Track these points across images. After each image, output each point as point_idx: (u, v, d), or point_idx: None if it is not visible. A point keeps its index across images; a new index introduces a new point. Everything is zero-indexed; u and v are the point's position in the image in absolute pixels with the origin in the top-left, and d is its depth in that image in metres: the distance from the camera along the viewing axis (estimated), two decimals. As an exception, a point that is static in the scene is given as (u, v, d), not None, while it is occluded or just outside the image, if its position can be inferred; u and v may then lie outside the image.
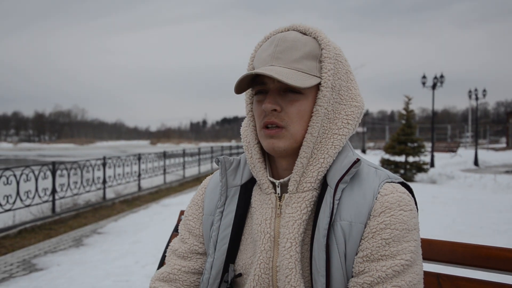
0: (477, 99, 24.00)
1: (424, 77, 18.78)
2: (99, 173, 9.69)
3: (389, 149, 13.94)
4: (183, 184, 14.27)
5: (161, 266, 1.50)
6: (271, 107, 0.98)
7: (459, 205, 8.15)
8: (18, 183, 6.75)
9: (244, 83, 1.01)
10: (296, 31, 1.05)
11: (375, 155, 23.43)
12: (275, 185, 1.07)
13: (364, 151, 29.97)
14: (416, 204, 1.01)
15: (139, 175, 11.75)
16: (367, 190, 0.97)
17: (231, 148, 26.81)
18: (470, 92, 24.28)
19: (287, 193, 1.04)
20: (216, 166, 1.17)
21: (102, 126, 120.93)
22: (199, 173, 17.40)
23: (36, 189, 7.22)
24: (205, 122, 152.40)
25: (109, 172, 10.16)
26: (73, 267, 4.85)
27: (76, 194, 8.74)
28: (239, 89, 1.02)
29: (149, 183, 12.70)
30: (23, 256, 5.41)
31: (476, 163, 19.80)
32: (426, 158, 15.42)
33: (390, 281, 0.91)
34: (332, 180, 0.99)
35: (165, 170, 13.76)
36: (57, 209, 8.06)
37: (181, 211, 1.67)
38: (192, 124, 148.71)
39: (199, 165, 17.85)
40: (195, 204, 1.20)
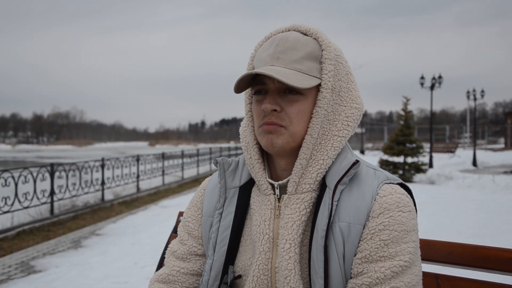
0: (475, 99, 24.02)
1: (422, 77, 18.79)
2: (97, 175, 9.68)
3: (387, 150, 13.94)
4: (182, 185, 14.26)
5: (159, 267, 1.50)
6: (271, 107, 0.98)
7: (458, 205, 8.16)
8: (16, 184, 6.74)
9: (243, 83, 1.01)
10: (297, 31, 1.05)
11: (374, 156, 23.42)
12: (274, 186, 1.06)
13: (362, 152, 29.98)
14: (415, 205, 1.01)
15: (138, 177, 11.74)
16: (366, 191, 0.97)
17: (230, 149, 26.81)
18: (468, 92, 24.29)
19: (286, 194, 1.04)
20: (214, 167, 1.17)
21: (100, 127, 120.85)
22: (198, 174, 17.39)
23: (34, 191, 7.20)
24: (203, 123, 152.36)
25: (108, 173, 10.15)
26: (71, 269, 4.84)
27: (74, 195, 8.72)
28: (239, 88, 1.01)
29: (147, 184, 12.69)
30: (21, 258, 5.40)
31: (474, 163, 19.82)
32: (424, 158, 15.41)
33: (388, 282, 0.90)
34: (331, 181, 0.99)
35: (163, 171, 13.76)
36: (56, 211, 8.05)
37: (179, 212, 1.66)
38: (190, 125, 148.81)
39: (198, 166, 17.85)
40: (194, 205, 1.19)
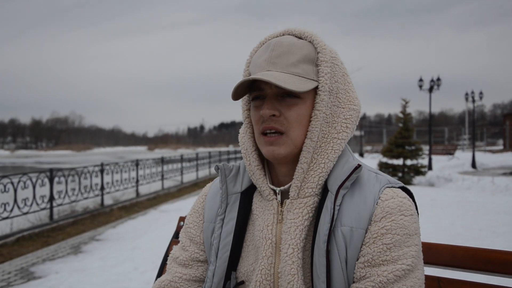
0: (473, 101, 24.04)
1: (421, 80, 18.80)
2: (97, 180, 9.67)
3: (386, 153, 13.95)
4: (181, 189, 14.25)
5: (160, 273, 1.50)
6: (270, 113, 0.97)
7: (458, 207, 8.16)
8: (15, 190, 6.73)
9: (241, 89, 1.00)
10: (291, 35, 1.05)
11: (373, 158, 23.41)
12: (275, 192, 1.06)
13: (362, 155, 29.96)
14: (416, 208, 1.01)
15: (137, 181, 11.73)
16: (367, 195, 0.97)
17: (229, 153, 26.76)
18: (466, 94, 24.31)
19: (288, 198, 1.03)
20: (214, 171, 1.17)
21: (99, 132, 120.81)
22: (197, 178, 17.38)
23: (33, 197, 7.19)
24: (202, 127, 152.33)
25: (107, 178, 10.15)
26: (71, 274, 4.82)
27: (74, 201, 8.71)
28: (237, 95, 1.01)
29: (147, 189, 12.68)
30: (21, 264, 5.38)
31: (473, 165, 19.81)
32: (423, 161, 15.44)
33: (391, 286, 0.90)
34: (333, 185, 0.99)
35: (163, 176, 13.76)
36: (55, 217, 8.03)
37: (180, 217, 1.66)
38: (189, 129, 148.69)
39: (197, 170, 17.83)
40: (196, 211, 1.19)
